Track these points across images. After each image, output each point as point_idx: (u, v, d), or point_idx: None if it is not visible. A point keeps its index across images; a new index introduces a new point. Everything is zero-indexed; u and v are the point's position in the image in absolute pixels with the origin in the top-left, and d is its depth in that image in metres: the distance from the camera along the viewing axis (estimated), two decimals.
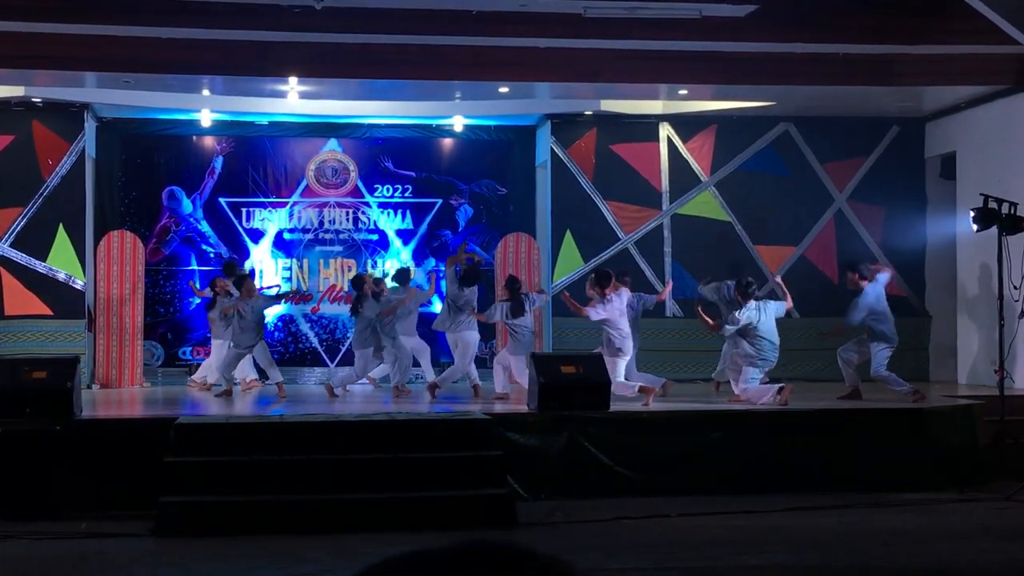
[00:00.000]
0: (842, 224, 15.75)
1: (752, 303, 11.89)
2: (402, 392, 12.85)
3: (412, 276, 14.59)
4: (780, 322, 12.60)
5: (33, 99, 14.27)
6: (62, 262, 14.28)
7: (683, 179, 15.66)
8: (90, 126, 14.93)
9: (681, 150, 15.68)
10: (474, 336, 12.77)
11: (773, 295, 13.53)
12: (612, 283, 12.13)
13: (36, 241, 14.41)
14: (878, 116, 15.40)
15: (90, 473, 9.38)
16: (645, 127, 15.60)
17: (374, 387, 13.95)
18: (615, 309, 11.96)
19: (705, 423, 10.66)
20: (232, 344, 12.95)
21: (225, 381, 12.77)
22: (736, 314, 11.91)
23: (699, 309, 12.45)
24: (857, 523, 9.02)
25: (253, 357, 13.37)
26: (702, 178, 15.68)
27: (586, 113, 15.33)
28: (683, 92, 14.25)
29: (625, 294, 12.40)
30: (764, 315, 11.93)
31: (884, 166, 15.77)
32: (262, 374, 13.79)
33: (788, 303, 12.74)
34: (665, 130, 15.63)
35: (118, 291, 14.62)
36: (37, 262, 14.32)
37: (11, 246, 14.35)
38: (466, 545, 1.56)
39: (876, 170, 15.77)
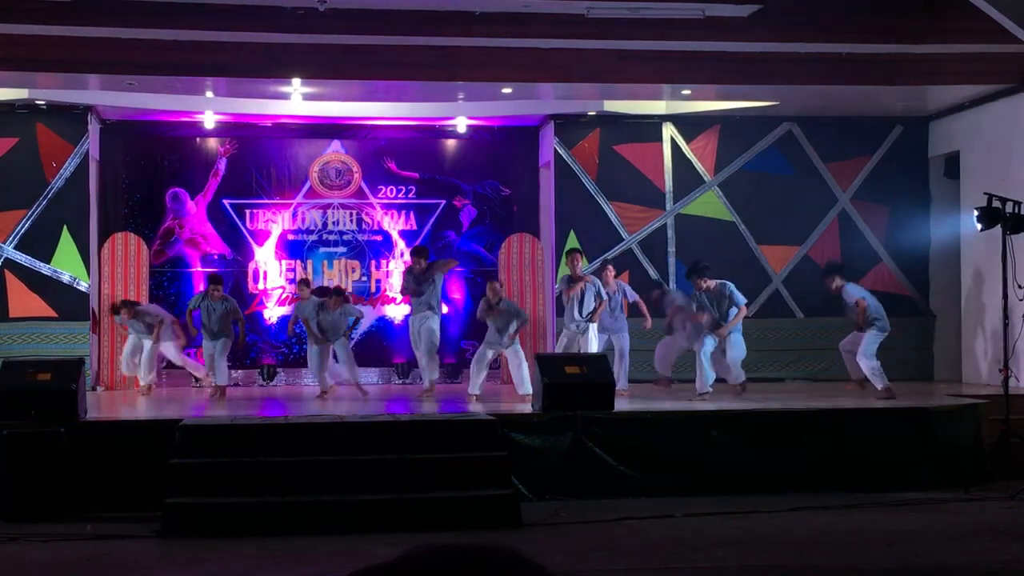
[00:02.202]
0: (846, 223, 15.74)
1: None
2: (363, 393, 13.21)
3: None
4: (786, 320, 12.68)
5: (37, 101, 14.29)
6: (66, 264, 14.29)
7: (687, 179, 15.67)
8: (94, 128, 14.94)
9: (684, 150, 15.68)
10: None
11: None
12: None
13: (40, 243, 14.43)
14: (882, 115, 15.40)
15: (95, 475, 9.39)
16: (648, 127, 15.60)
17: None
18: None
19: (710, 423, 10.66)
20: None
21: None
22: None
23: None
24: (862, 523, 9.01)
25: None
26: (706, 178, 15.69)
27: (589, 113, 15.32)
28: (686, 92, 14.25)
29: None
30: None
31: (888, 165, 15.77)
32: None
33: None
34: (668, 130, 15.64)
35: (122, 293, 14.64)
36: (41, 264, 14.34)
37: (16, 248, 14.37)
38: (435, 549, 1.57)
39: (880, 169, 15.77)
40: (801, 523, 8.96)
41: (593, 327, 12.98)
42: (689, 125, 15.62)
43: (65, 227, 14.52)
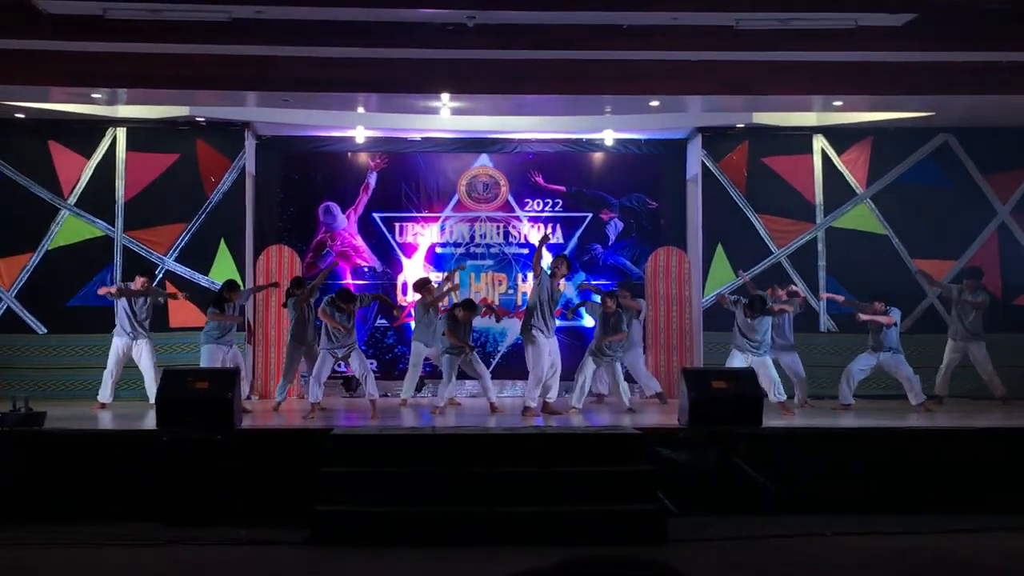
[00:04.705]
0: (1006, 237, 15.27)
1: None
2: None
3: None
4: (941, 336, 12.45)
5: (197, 118, 14.79)
6: (223, 275, 14.69)
7: (838, 192, 15.39)
8: (250, 144, 15.39)
9: (836, 162, 15.41)
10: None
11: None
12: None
13: (199, 255, 14.92)
14: None
15: (249, 481, 9.62)
16: (798, 139, 15.38)
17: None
18: None
19: (858, 440, 10.41)
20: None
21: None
22: None
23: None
24: (1019, 547, 8.69)
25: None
26: (857, 191, 15.39)
27: (738, 126, 15.18)
28: (838, 103, 13.99)
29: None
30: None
31: None
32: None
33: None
34: (819, 142, 15.39)
35: (276, 304, 15.00)
36: (200, 276, 14.80)
37: (176, 260, 14.88)
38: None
39: None
40: (954, 546, 8.68)
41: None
42: (840, 137, 15.35)
43: (223, 240, 14.98)
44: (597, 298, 13.22)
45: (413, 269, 16.15)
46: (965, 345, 13.88)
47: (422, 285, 14.17)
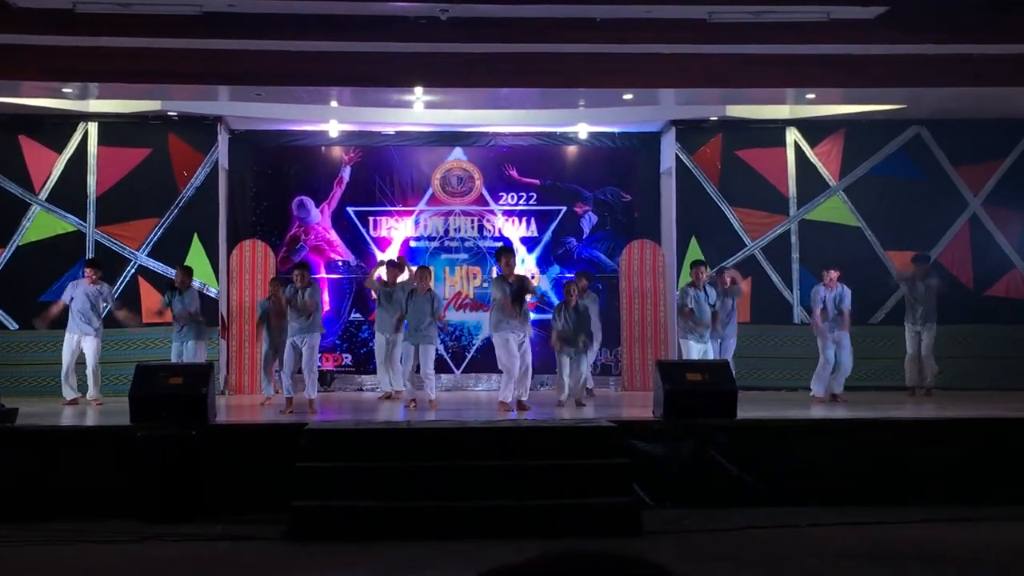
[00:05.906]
0: (977, 229, 15.37)
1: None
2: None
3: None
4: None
5: (169, 113, 14.71)
6: (196, 271, 14.62)
7: (811, 184, 15.46)
8: (223, 138, 15.32)
9: (809, 155, 15.47)
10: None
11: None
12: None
13: (172, 250, 14.85)
14: (1014, 117, 15.00)
15: (224, 477, 9.58)
16: (771, 132, 15.43)
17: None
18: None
19: (835, 432, 10.46)
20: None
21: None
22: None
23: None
24: (997, 537, 8.74)
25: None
26: (830, 183, 15.46)
27: (711, 119, 15.22)
28: (810, 96, 14.05)
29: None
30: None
31: (1021, 169, 15.35)
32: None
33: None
34: (792, 135, 15.45)
35: (250, 299, 14.95)
36: (173, 271, 14.71)
37: (148, 255, 14.80)
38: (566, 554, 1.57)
39: (1013, 173, 15.37)
40: (931, 536, 8.73)
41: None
42: (813, 129, 15.41)
43: (196, 235, 14.92)
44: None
45: None
46: (921, 330, 13.82)
47: (389, 264, 14.23)
